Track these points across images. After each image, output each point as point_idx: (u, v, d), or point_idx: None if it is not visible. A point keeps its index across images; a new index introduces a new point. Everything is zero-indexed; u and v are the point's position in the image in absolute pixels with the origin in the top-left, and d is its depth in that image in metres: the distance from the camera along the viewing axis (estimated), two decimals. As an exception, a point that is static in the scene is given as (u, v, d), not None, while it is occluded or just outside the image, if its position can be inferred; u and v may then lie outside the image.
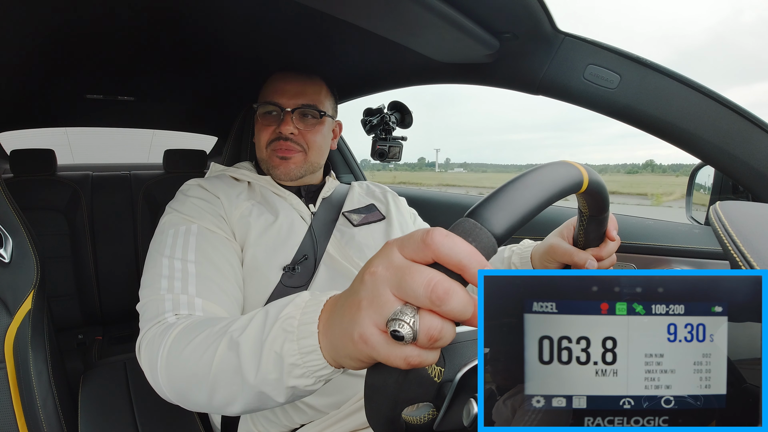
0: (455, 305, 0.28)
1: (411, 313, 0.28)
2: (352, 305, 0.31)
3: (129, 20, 0.78)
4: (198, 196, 0.75)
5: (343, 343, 0.32)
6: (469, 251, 0.28)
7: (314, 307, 0.37)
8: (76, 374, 0.96)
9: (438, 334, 0.28)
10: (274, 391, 0.39)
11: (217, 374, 0.43)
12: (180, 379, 0.48)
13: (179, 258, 0.63)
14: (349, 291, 0.33)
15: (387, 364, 0.30)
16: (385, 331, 0.29)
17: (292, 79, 0.84)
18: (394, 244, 0.31)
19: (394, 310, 0.28)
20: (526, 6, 0.66)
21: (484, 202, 0.32)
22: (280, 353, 0.37)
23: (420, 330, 0.28)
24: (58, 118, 1.58)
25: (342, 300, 0.34)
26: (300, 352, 0.36)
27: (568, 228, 0.64)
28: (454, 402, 0.34)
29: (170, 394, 0.50)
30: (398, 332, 0.28)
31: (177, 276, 0.61)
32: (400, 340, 0.28)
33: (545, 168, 0.37)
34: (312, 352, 0.36)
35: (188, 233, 0.67)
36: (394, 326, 0.28)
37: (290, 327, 0.37)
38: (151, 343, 0.53)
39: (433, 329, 0.28)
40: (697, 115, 0.70)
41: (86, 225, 1.70)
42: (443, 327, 0.28)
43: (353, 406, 0.69)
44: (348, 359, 0.33)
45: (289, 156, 0.83)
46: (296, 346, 0.36)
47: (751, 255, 0.32)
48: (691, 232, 0.91)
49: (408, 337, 0.28)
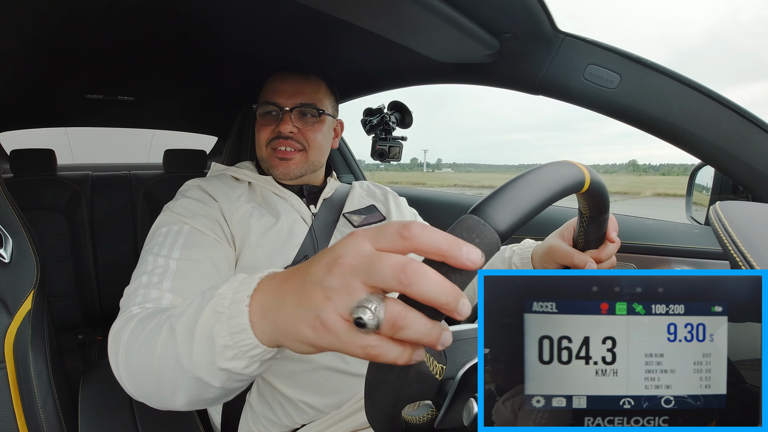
0: (426, 286, 0.26)
1: (377, 300, 0.27)
2: (312, 292, 0.30)
3: (129, 20, 0.78)
4: (194, 197, 0.75)
5: (295, 328, 0.31)
6: (450, 239, 0.28)
7: (246, 285, 0.36)
8: (76, 374, 0.96)
9: (402, 322, 0.27)
10: (209, 375, 0.37)
11: (160, 363, 0.41)
12: (135, 373, 0.46)
13: (164, 255, 0.63)
14: (305, 275, 0.31)
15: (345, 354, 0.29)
16: (349, 320, 0.28)
17: (290, 79, 0.85)
18: (363, 235, 0.30)
19: (361, 298, 0.27)
20: (526, 6, 0.66)
21: (487, 199, 0.32)
22: (212, 334, 0.36)
23: (384, 317, 0.27)
24: (58, 118, 1.58)
25: (294, 283, 0.32)
26: (231, 332, 0.35)
27: (568, 229, 0.64)
28: (455, 400, 0.34)
29: (131, 389, 0.48)
30: (361, 319, 0.27)
31: (157, 272, 0.61)
32: (362, 328, 0.27)
33: (548, 167, 0.37)
34: (242, 332, 0.34)
35: (179, 233, 0.67)
36: (358, 313, 0.27)
37: (221, 307, 0.36)
38: (114, 337, 0.51)
39: (397, 316, 0.27)
40: (697, 115, 0.70)
41: (86, 225, 1.70)
42: (408, 315, 0.27)
43: (354, 407, 0.69)
44: (296, 343, 0.32)
45: (289, 157, 0.83)
46: (227, 326, 0.35)
47: (751, 255, 0.32)
48: (691, 232, 0.91)
49: (371, 324, 0.27)
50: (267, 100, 0.84)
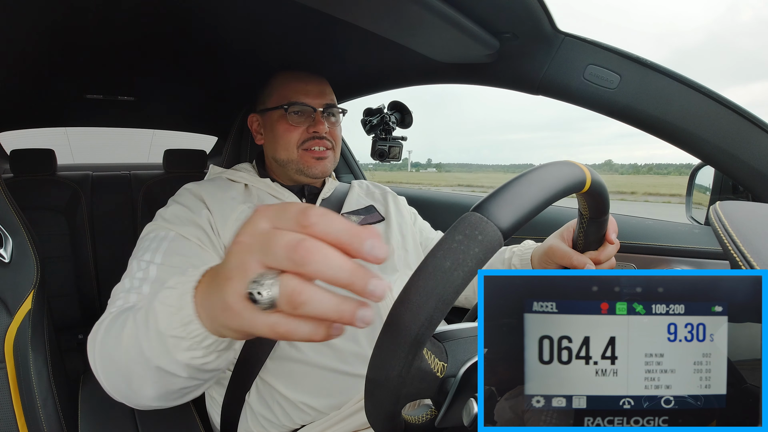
0: (322, 265, 0.25)
1: (271, 277, 0.26)
2: (221, 275, 0.30)
3: (129, 20, 0.78)
4: (183, 203, 0.75)
5: (216, 313, 0.32)
6: (350, 226, 0.26)
7: (192, 278, 0.36)
8: (76, 374, 0.96)
9: (300, 298, 0.25)
10: (171, 364, 0.38)
11: (127, 355, 0.42)
12: (108, 372, 0.47)
13: (146, 260, 0.64)
14: (221, 263, 0.32)
15: (256, 334, 0.29)
16: (248, 299, 0.27)
17: (309, 79, 0.85)
18: (262, 214, 0.29)
19: (255, 275, 0.27)
20: (526, 6, 0.66)
21: (490, 196, 0.32)
22: (162, 327, 0.37)
23: (280, 293, 0.26)
24: (58, 118, 1.58)
25: (215, 271, 0.33)
26: (181, 323, 0.35)
27: (568, 230, 0.64)
28: (456, 398, 0.34)
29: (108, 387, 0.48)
30: (252, 295, 0.26)
31: (137, 276, 0.61)
32: (256, 304, 0.26)
33: (549, 166, 0.37)
34: (190, 323, 0.35)
35: (164, 239, 0.67)
36: (251, 289, 0.26)
37: (170, 300, 0.37)
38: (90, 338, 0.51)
39: (293, 293, 0.25)
40: (697, 115, 0.70)
41: (86, 225, 1.70)
42: (305, 290, 0.26)
43: (354, 407, 0.69)
44: (225, 329, 0.33)
45: (324, 156, 0.84)
46: (177, 318, 0.36)
47: (751, 255, 0.32)
48: (691, 232, 0.91)
49: (264, 301, 0.26)
50: (296, 101, 0.82)
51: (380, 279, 0.26)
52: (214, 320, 0.33)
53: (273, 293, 0.26)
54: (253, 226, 0.28)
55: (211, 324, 0.34)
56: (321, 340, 0.28)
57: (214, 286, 0.32)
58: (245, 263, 0.27)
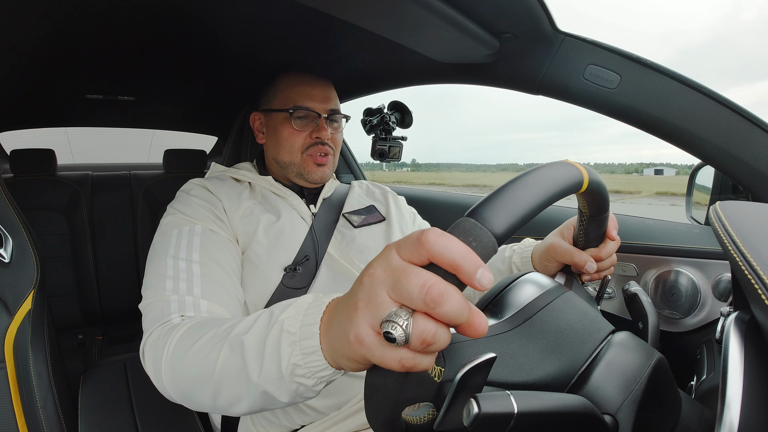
0: (449, 309, 0.27)
1: (405, 315, 0.28)
2: (350, 306, 0.31)
3: (129, 20, 0.78)
4: (200, 196, 0.75)
5: (341, 344, 0.32)
6: (464, 251, 0.28)
7: (316, 309, 0.38)
8: (76, 374, 0.96)
9: (431, 338, 0.28)
10: (278, 390, 0.39)
11: (222, 375, 0.43)
12: (184, 380, 0.48)
13: (184, 258, 0.64)
14: (349, 293, 0.33)
15: (382, 367, 0.30)
16: (380, 333, 0.29)
17: (315, 83, 0.84)
18: (393, 246, 0.31)
19: (389, 311, 0.28)
20: (526, 6, 0.66)
21: (484, 201, 0.32)
22: (282, 354, 0.38)
23: (413, 333, 0.27)
24: (58, 118, 1.58)
25: (342, 302, 0.34)
26: (302, 353, 0.37)
27: (568, 228, 0.64)
28: (454, 401, 0.34)
29: (175, 395, 0.50)
30: (390, 334, 0.27)
31: (182, 277, 0.61)
32: (392, 342, 0.28)
33: (545, 168, 0.36)
34: (313, 353, 0.36)
35: (192, 233, 0.67)
36: (387, 328, 0.27)
37: (293, 328, 0.38)
38: (155, 344, 0.53)
39: (426, 333, 0.27)
40: (697, 115, 0.70)
41: (86, 225, 1.70)
42: (437, 331, 0.28)
43: (354, 408, 0.69)
44: (345, 360, 0.33)
45: (325, 162, 0.84)
46: (298, 347, 0.37)
47: (751, 255, 0.32)
48: (691, 232, 0.91)
49: (400, 339, 0.27)
50: (301, 105, 0.82)
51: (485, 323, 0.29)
52: (335, 351, 0.34)
53: (408, 332, 0.27)
54: (385, 260, 0.30)
55: (332, 354, 0.35)
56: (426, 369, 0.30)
57: (343, 317, 0.32)
58: (378, 297, 0.29)
